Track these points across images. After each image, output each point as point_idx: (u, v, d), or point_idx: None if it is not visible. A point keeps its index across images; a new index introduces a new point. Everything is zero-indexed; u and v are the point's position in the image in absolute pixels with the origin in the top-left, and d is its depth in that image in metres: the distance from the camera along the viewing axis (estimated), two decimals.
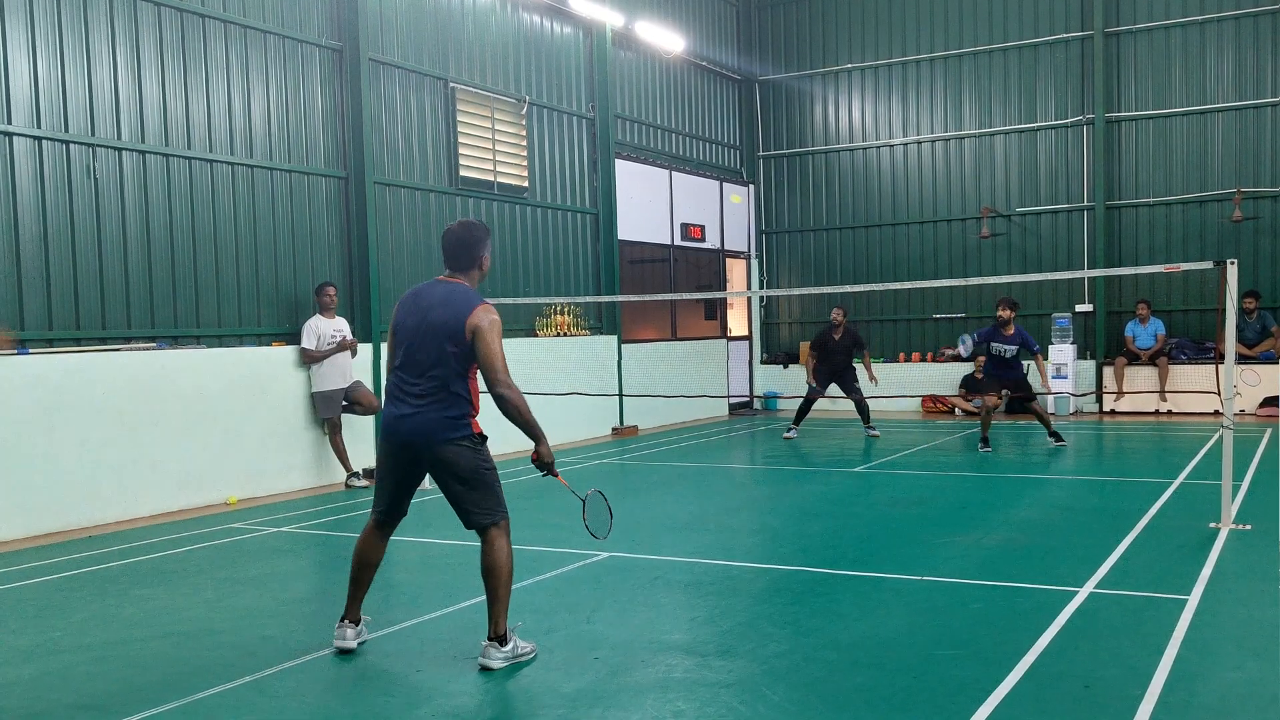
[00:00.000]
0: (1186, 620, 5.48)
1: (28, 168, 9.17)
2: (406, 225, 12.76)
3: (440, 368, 5.04)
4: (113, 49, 9.82)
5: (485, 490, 5.13)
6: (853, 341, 14.72)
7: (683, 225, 18.22)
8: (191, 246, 10.47)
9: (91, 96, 9.65)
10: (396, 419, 5.11)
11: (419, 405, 5.06)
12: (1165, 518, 8.30)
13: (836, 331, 14.60)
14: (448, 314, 5.04)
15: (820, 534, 8.23)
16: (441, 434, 5.03)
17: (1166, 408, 16.37)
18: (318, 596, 6.92)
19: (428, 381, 5.06)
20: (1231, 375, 7.88)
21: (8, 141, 9.02)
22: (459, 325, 5.00)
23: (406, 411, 5.08)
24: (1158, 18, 17.09)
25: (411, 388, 5.09)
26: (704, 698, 4.61)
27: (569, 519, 9.05)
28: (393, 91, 12.63)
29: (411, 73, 12.88)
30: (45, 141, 9.28)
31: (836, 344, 14.60)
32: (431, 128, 13.19)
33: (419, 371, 5.08)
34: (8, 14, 9.04)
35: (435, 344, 5.03)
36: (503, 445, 6.82)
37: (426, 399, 5.06)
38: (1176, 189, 17.12)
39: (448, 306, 5.06)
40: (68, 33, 9.48)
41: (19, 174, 9.10)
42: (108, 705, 4.76)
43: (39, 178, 9.25)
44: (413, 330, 5.11)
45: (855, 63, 19.33)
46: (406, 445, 5.12)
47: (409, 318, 5.16)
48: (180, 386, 9.88)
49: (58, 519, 8.87)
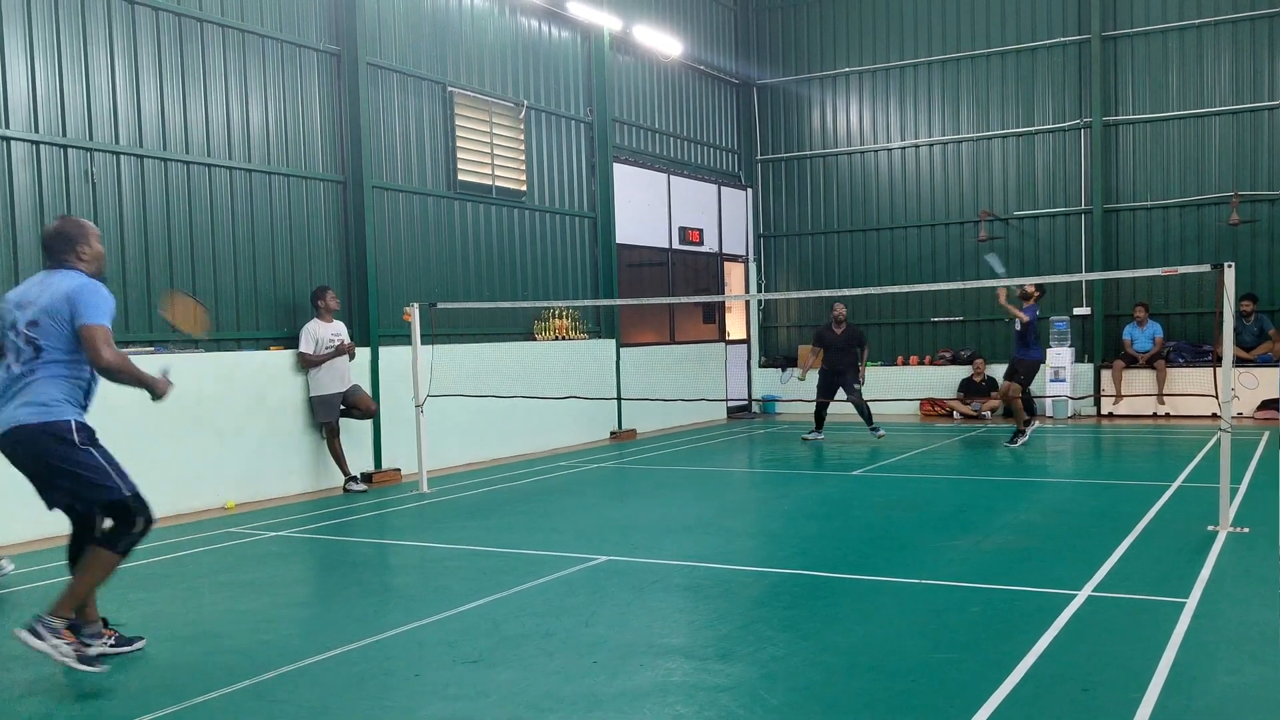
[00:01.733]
0: (1185, 623, 5.48)
1: (25, 173, 9.17)
2: (405, 230, 12.76)
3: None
4: (110, 54, 9.83)
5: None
6: (854, 339, 14.61)
7: (681, 229, 18.23)
8: (189, 251, 10.47)
9: (89, 101, 9.65)
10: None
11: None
12: (1163, 521, 8.30)
13: (838, 327, 14.53)
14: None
15: (819, 537, 8.23)
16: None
17: (1164, 411, 16.38)
18: (316, 601, 6.92)
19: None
20: (1229, 378, 7.89)
21: (5, 146, 9.02)
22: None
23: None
24: (1155, 21, 17.12)
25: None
26: (703, 701, 4.61)
27: (566, 523, 9.06)
28: (391, 96, 12.64)
29: (409, 77, 12.89)
30: (43, 146, 9.28)
31: (837, 339, 14.51)
32: (430, 132, 13.20)
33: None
34: (5, 18, 9.04)
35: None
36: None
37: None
38: (1174, 192, 17.15)
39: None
40: (65, 37, 9.48)
41: (16, 179, 9.10)
42: (104, 710, 4.75)
43: (37, 182, 9.25)
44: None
45: (853, 66, 19.36)
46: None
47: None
48: (178, 391, 9.78)
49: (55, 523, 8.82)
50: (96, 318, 5.06)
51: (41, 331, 5.07)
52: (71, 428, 5.12)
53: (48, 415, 5.07)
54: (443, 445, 12.36)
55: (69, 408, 5.15)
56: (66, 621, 5.07)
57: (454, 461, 12.84)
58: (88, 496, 5.20)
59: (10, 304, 5.25)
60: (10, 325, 5.17)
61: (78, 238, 5.31)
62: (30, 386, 5.08)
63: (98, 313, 5.07)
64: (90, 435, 5.22)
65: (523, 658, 5.25)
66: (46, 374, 5.09)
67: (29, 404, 5.07)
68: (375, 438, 11.97)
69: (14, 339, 5.14)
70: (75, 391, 5.20)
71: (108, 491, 5.15)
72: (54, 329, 5.07)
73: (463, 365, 12.50)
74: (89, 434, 5.21)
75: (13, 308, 5.21)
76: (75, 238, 5.30)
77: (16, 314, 5.16)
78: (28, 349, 5.09)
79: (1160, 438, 14.33)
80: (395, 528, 9.27)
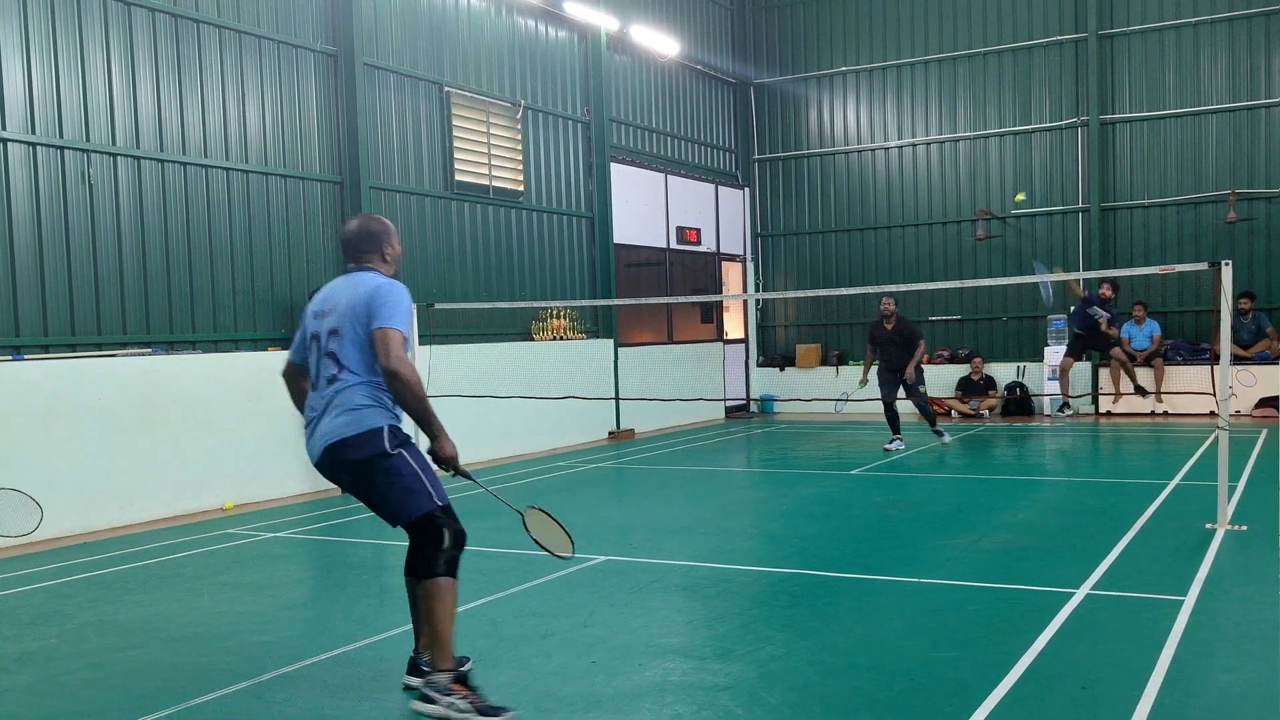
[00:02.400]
0: (1183, 621, 5.48)
1: (22, 174, 9.16)
2: (402, 230, 12.75)
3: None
4: (108, 55, 9.82)
5: None
6: (906, 333, 13.52)
7: (678, 228, 18.23)
8: (187, 252, 10.46)
9: (86, 102, 9.65)
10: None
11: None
12: (1161, 519, 8.30)
13: (888, 322, 13.53)
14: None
15: (818, 536, 8.23)
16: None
17: (1162, 409, 16.38)
18: (314, 602, 6.91)
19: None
20: (1227, 376, 7.89)
21: (2, 147, 9.02)
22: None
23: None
24: (1151, 20, 17.13)
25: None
26: (701, 701, 4.61)
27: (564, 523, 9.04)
28: (388, 96, 12.63)
29: (406, 77, 12.89)
30: (40, 147, 9.28)
31: (888, 335, 13.50)
32: (427, 132, 13.19)
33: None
34: (1, 19, 9.03)
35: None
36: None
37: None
38: (1171, 191, 17.16)
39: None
40: (62, 38, 9.47)
41: (13, 180, 9.09)
42: (103, 711, 4.75)
43: (34, 184, 9.24)
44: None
45: (850, 66, 19.36)
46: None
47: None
48: (176, 392, 9.87)
49: (53, 525, 8.84)
50: (393, 321, 4.57)
51: (341, 341, 4.66)
52: (384, 433, 4.62)
53: (360, 425, 4.60)
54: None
55: (381, 412, 4.66)
56: (451, 675, 4.56)
57: None
58: (396, 507, 4.68)
59: (309, 315, 4.87)
60: (311, 337, 4.81)
61: (382, 236, 4.88)
62: (339, 396, 4.65)
63: (395, 316, 4.58)
64: (404, 439, 4.72)
65: (521, 658, 5.25)
66: (352, 381, 4.64)
67: (339, 415, 4.63)
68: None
69: (316, 351, 4.77)
70: (384, 395, 4.68)
71: (415, 501, 4.62)
72: (354, 334, 4.64)
73: (460, 365, 12.49)
74: (402, 438, 4.71)
75: (311, 318, 4.85)
76: (380, 236, 4.88)
77: (316, 325, 4.79)
78: (328, 361, 4.70)
79: (1158, 436, 14.33)
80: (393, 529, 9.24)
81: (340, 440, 4.58)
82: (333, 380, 4.65)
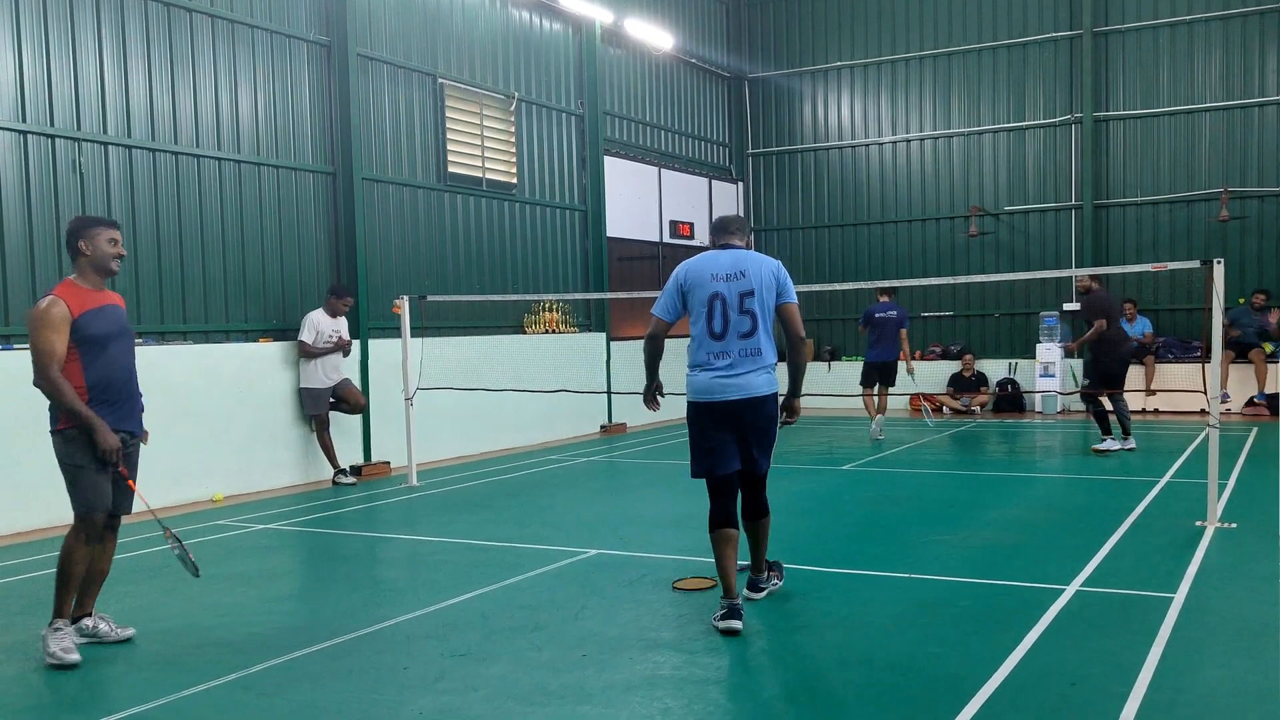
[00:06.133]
0: (1172, 618, 5.50)
1: (12, 162, 9.11)
2: (395, 222, 12.72)
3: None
4: (99, 43, 9.77)
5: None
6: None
7: (672, 222, 18.22)
8: (178, 242, 10.42)
9: (77, 91, 9.59)
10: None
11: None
12: (1151, 516, 8.33)
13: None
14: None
15: (808, 532, 8.23)
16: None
17: (1153, 406, 16.43)
18: (305, 594, 6.90)
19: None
20: (1218, 374, 7.92)
21: None
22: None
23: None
24: (1146, 17, 17.16)
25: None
26: (691, 694, 4.61)
27: (556, 516, 9.06)
28: (381, 87, 12.59)
29: (400, 68, 12.84)
30: (30, 136, 9.23)
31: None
32: (420, 124, 13.15)
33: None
34: None
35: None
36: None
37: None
38: (1164, 188, 17.20)
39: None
40: (53, 26, 9.42)
41: (4, 168, 9.04)
42: (92, 702, 4.74)
43: (24, 172, 9.19)
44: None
45: (844, 61, 19.35)
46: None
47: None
48: (166, 383, 9.82)
49: (43, 515, 8.81)
50: (795, 297, 5.65)
51: (758, 303, 5.50)
52: (777, 396, 5.65)
53: (774, 385, 5.61)
54: (432, 438, 12.33)
55: (776, 376, 5.68)
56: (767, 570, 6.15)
57: (443, 455, 12.82)
58: (767, 458, 5.69)
59: (704, 275, 5.58)
60: (713, 296, 5.52)
61: (745, 221, 6.04)
62: (758, 355, 5.51)
63: (793, 293, 5.65)
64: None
65: (512, 651, 5.25)
66: (764, 344, 5.53)
67: (763, 372, 5.54)
68: (365, 431, 11.94)
69: (725, 309, 5.50)
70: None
71: (771, 452, 5.71)
72: (767, 302, 5.53)
73: (452, 358, 12.47)
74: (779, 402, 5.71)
75: (709, 279, 5.55)
76: (744, 220, 6.30)
77: (720, 286, 5.52)
78: (744, 319, 5.49)
79: (1149, 433, 14.37)
80: (384, 521, 9.25)
81: (762, 395, 5.53)
82: (749, 338, 5.51)
